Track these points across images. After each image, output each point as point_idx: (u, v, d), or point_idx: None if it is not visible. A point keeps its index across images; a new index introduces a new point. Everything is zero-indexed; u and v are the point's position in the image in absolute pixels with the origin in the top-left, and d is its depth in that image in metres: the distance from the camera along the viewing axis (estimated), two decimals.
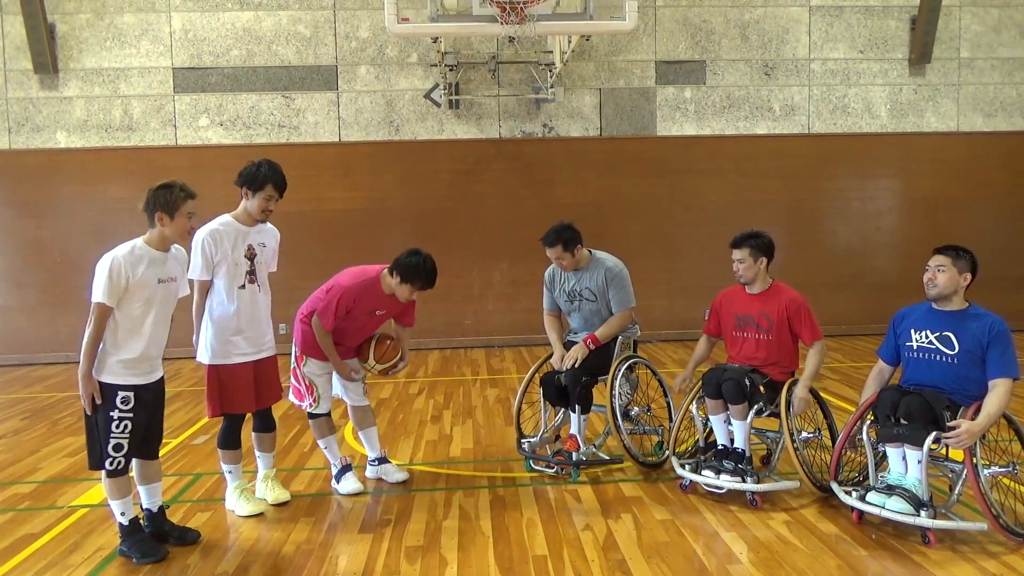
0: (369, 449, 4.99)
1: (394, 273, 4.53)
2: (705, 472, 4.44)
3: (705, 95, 10.68)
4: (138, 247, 3.80)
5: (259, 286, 4.38)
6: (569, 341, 5.16)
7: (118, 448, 3.70)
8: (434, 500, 4.59)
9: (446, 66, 9.97)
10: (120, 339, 3.72)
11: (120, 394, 3.69)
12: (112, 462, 3.70)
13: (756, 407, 4.45)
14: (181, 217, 3.80)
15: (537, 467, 5.01)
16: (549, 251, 4.94)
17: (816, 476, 4.35)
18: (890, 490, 3.86)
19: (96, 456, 3.74)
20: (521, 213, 10.40)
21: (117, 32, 10.13)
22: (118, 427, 3.68)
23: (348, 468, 4.80)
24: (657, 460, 4.99)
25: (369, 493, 4.75)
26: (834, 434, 4.64)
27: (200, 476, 5.14)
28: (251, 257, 4.33)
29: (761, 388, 4.49)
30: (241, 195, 4.36)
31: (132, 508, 3.86)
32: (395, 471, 4.95)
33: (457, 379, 8.45)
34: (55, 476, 5.26)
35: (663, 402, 5.28)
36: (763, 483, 4.35)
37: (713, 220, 10.52)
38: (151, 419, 3.86)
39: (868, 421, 4.14)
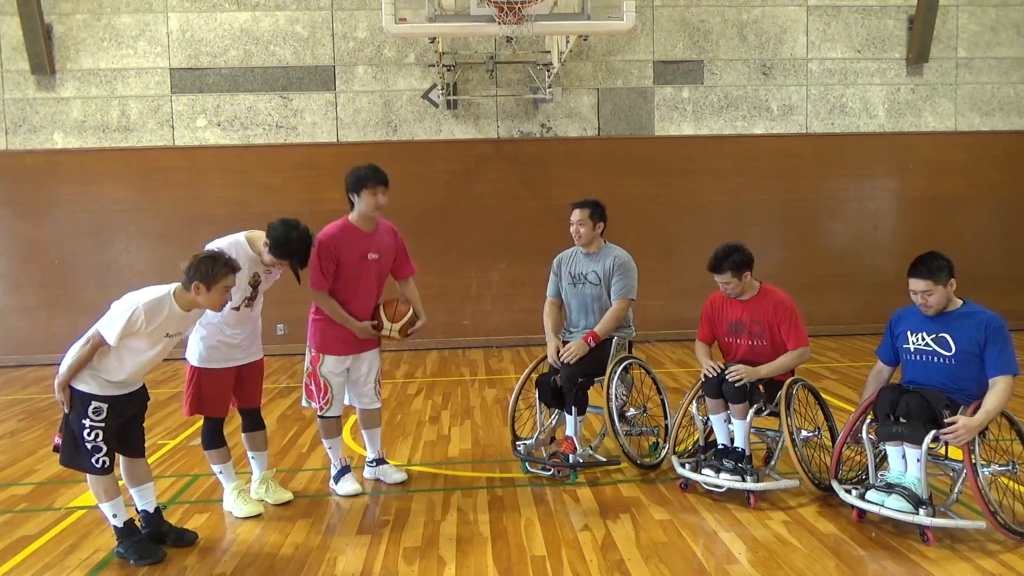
0: (369, 449, 4.99)
1: (264, 241, 4.21)
2: (705, 471, 4.44)
3: (703, 95, 10.68)
4: (165, 300, 3.68)
5: (253, 308, 4.38)
6: (565, 342, 5.15)
7: (96, 450, 3.69)
8: (432, 501, 4.59)
9: (444, 66, 9.97)
10: (107, 365, 3.70)
11: (93, 404, 3.67)
12: (97, 460, 3.68)
13: (756, 406, 4.46)
14: (217, 291, 3.69)
15: (533, 469, 5.00)
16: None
17: (815, 475, 4.35)
18: (889, 488, 3.86)
19: (70, 455, 3.72)
20: (519, 213, 10.40)
21: (114, 33, 10.11)
22: (89, 435, 3.67)
23: (347, 469, 4.79)
24: (653, 461, 4.98)
25: (367, 494, 4.74)
26: (834, 434, 4.63)
27: (198, 477, 5.13)
28: (254, 284, 4.31)
29: (761, 387, 4.50)
30: (264, 240, 4.19)
31: (124, 510, 3.84)
32: (393, 472, 4.94)
33: (455, 379, 8.44)
34: (52, 478, 5.24)
35: (658, 400, 5.28)
36: (763, 482, 4.36)
37: (711, 220, 10.53)
38: (129, 422, 3.85)
39: (868, 420, 4.14)
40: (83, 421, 3.66)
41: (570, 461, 4.83)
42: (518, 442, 5.15)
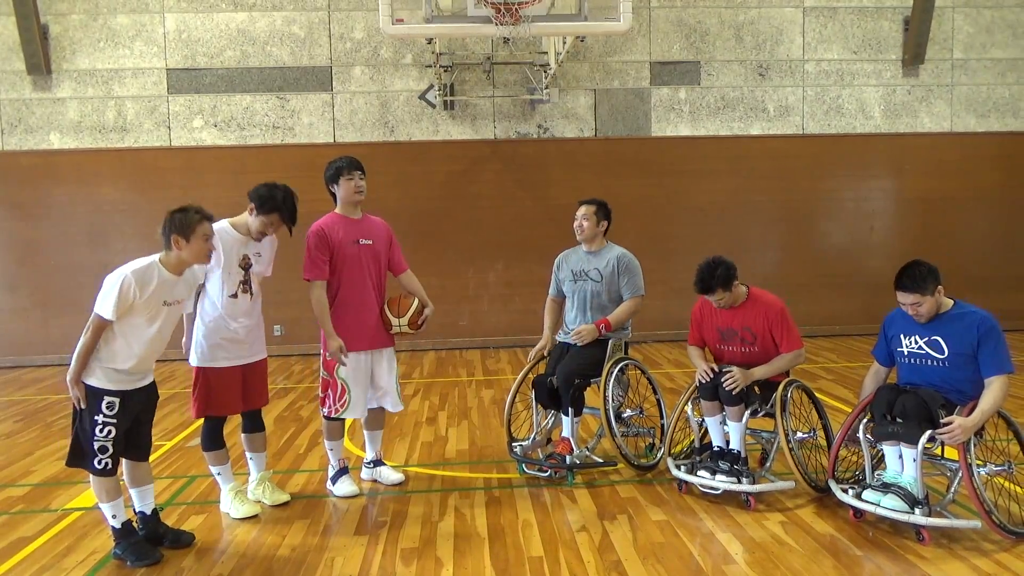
0: (369, 450, 4.98)
1: (250, 209, 4.26)
2: (701, 473, 4.44)
3: (700, 96, 10.70)
4: (152, 267, 3.73)
5: (251, 295, 4.36)
6: (561, 343, 5.16)
7: (103, 450, 3.69)
8: (430, 502, 4.59)
9: (441, 67, 9.97)
10: (114, 351, 3.70)
11: (106, 399, 3.68)
12: (100, 462, 3.69)
13: (751, 408, 4.46)
14: (197, 240, 3.73)
15: (530, 471, 5.00)
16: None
17: (811, 476, 4.36)
18: (886, 488, 3.87)
19: (77, 455, 3.73)
20: (516, 214, 10.41)
21: (110, 33, 10.10)
22: (102, 431, 3.67)
23: (345, 471, 4.79)
24: (650, 462, 4.99)
25: (365, 495, 4.74)
26: (829, 434, 4.64)
27: (195, 478, 5.12)
28: (246, 267, 4.31)
29: (756, 389, 4.50)
30: (248, 207, 4.28)
31: (124, 511, 3.85)
32: (391, 473, 4.94)
33: (452, 380, 8.44)
34: (49, 479, 5.23)
35: (654, 401, 5.29)
36: (759, 484, 4.36)
37: (708, 221, 10.56)
38: (138, 423, 3.85)
39: (865, 419, 4.15)
40: (96, 417, 3.66)
41: (567, 462, 4.83)
42: (515, 443, 5.15)
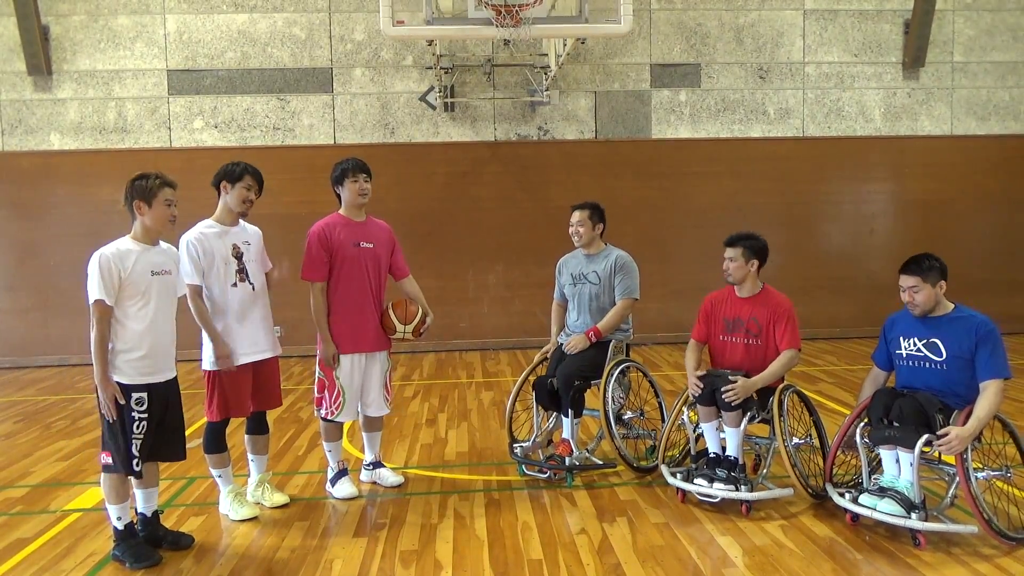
0: (367, 452, 4.98)
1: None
2: (698, 481, 4.37)
3: (700, 98, 10.70)
4: (125, 242, 3.82)
5: (252, 284, 4.38)
6: (561, 344, 5.16)
7: (142, 450, 3.72)
8: (429, 504, 4.59)
9: (441, 69, 9.98)
10: (125, 338, 3.72)
11: (135, 395, 3.71)
12: (137, 463, 3.71)
13: (749, 414, 4.42)
14: (159, 205, 3.81)
15: (530, 472, 5.00)
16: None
17: (810, 483, 4.33)
18: (882, 492, 3.87)
19: (115, 459, 3.71)
20: (516, 216, 10.42)
21: (111, 34, 10.11)
22: (138, 428, 3.70)
23: (344, 472, 4.78)
24: (650, 464, 4.98)
25: (364, 497, 4.73)
26: (823, 441, 4.60)
27: (194, 480, 5.12)
28: (238, 256, 4.34)
29: (754, 395, 4.45)
30: (219, 195, 4.38)
31: (129, 513, 3.85)
32: (390, 475, 4.94)
33: (452, 382, 8.44)
34: (48, 480, 5.23)
35: (655, 403, 5.29)
36: (756, 491, 4.31)
37: (707, 223, 10.54)
38: (166, 418, 3.86)
39: (862, 423, 4.14)
40: (131, 414, 3.69)
41: (567, 464, 4.83)
42: (515, 445, 5.15)
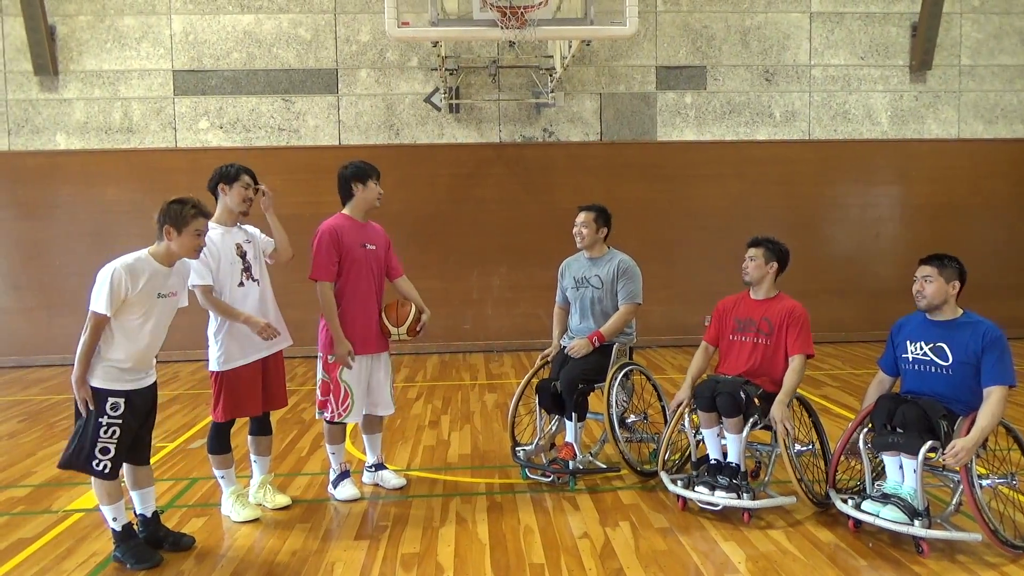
0: (369, 454, 4.97)
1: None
2: (699, 488, 4.33)
3: (706, 100, 10.68)
4: (142, 259, 3.75)
5: (258, 282, 4.39)
6: (563, 347, 5.14)
7: (104, 451, 3.67)
8: (431, 506, 4.57)
9: (446, 70, 9.98)
10: (114, 347, 3.70)
11: (110, 400, 3.67)
12: (98, 463, 3.66)
13: (751, 420, 4.36)
14: (188, 235, 3.74)
15: (533, 475, 4.99)
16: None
17: (813, 491, 4.29)
18: (886, 499, 3.84)
19: (75, 456, 3.68)
20: (521, 218, 10.40)
21: (117, 34, 10.13)
22: (106, 432, 3.66)
23: (346, 474, 4.77)
24: (653, 468, 4.96)
25: (366, 499, 4.72)
26: (825, 448, 4.56)
27: (196, 481, 5.12)
28: (242, 255, 4.34)
29: (756, 401, 4.39)
30: (217, 197, 4.38)
31: (125, 514, 3.84)
32: (392, 477, 4.93)
33: (455, 384, 8.43)
34: (50, 480, 5.23)
35: (659, 406, 5.26)
36: (759, 499, 4.26)
37: (713, 226, 10.53)
38: (141, 425, 3.84)
39: (866, 429, 4.11)
40: (100, 419, 3.65)
41: (570, 467, 4.82)
42: (518, 448, 5.14)
